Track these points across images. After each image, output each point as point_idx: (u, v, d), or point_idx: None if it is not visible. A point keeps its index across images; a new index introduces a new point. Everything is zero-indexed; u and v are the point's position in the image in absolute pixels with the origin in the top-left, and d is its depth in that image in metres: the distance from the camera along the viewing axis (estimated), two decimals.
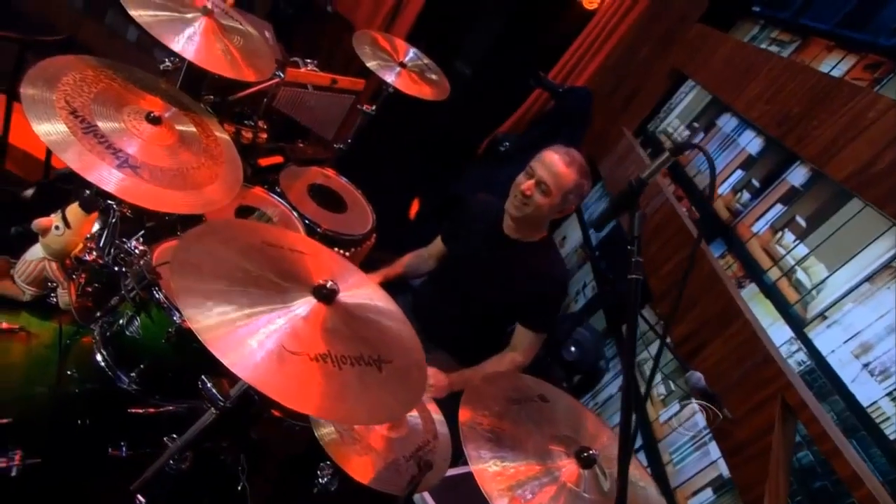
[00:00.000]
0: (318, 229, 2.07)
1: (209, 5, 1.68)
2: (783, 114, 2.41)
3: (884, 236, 2.05)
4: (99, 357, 1.35)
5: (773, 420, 1.59)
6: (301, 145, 1.96)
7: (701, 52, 3.42)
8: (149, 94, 1.56)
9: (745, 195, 2.90)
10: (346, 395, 0.89)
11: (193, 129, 1.57)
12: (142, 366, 1.34)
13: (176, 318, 1.34)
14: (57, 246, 1.29)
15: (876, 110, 1.88)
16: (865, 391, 1.81)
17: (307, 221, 2.09)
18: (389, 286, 2.15)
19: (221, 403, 1.03)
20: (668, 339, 2.67)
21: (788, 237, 2.50)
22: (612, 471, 1.00)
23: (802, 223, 2.46)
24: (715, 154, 3.33)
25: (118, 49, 4.45)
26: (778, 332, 2.22)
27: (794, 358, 2.11)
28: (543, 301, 1.94)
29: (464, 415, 1.03)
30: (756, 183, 2.87)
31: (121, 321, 1.36)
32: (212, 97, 1.84)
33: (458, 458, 1.59)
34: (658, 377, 2.78)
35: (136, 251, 1.36)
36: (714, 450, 2.21)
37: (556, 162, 1.80)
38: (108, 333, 1.38)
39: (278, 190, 2.09)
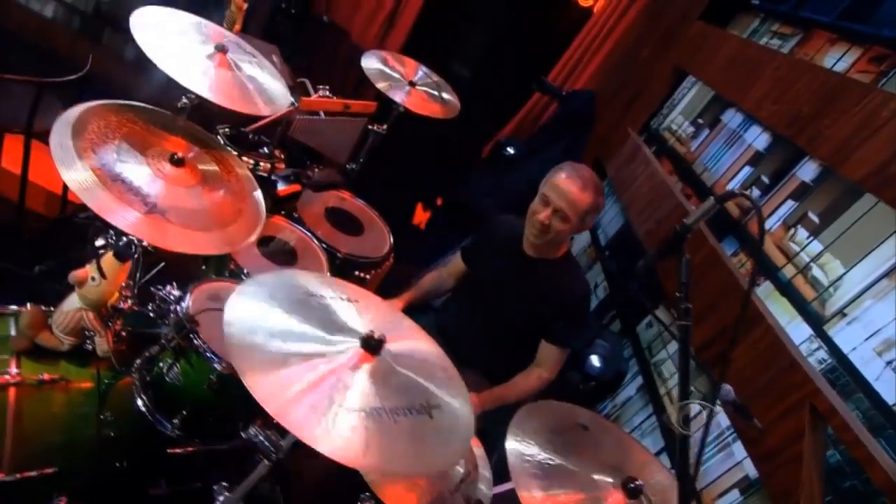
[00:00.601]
0: (338, 254, 2.09)
1: (224, 42, 1.69)
2: (793, 114, 2.41)
3: None
4: (139, 402, 1.36)
5: (802, 426, 1.61)
6: (316, 170, 1.97)
7: (703, 50, 3.42)
8: (170, 134, 1.58)
9: (755, 192, 2.91)
10: (402, 447, 0.90)
11: (215, 167, 1.58)
12: (184, 412, 1.36)
13: (216, 365, 1.36)
14: (93, 296, 1.31)
15: (889, 109, 1.89)
16: (891, 389, 1.82)
17: (325, 246, 2.10)
18: (411, 308, 2.16)
19: (274, 456, 1.05)
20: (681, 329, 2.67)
21: (802, 234, 2.50)
22: (657, 499, 1.02)
23: (815, 219, 2.46)
24: (721, 150, 3.34)
25: (117, 68, 4.45)
26: (797, 331, 2.23)
27: (814, 356, 2.11)
28: (565, 317, 1.96)
29: (511, 448, 1.04)
30: (765, 179, 2.88)
31: (160, 365, 1.38)
32: (227, 129, 1.85)
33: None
34: (674, 380, 2.79)
35: (171, 296, 1.37)
36: (738, 450, 2.22)
37: (570, 189, 1.81)
38: (147, 379, 1.40)
39: (296, 216, 2.10)
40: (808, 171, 2.66)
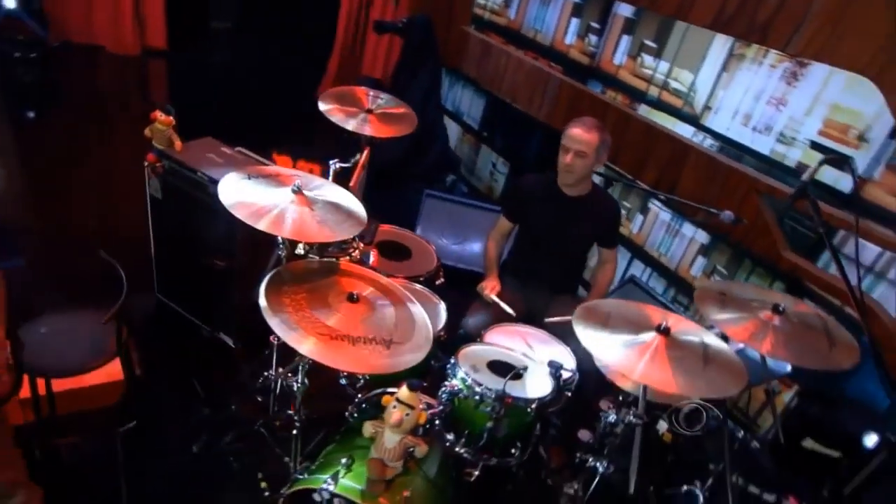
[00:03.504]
0: (420, 279, 2.37)
1: (298, 184, 1.78)
2: None
3: (717, 37, 2.84)
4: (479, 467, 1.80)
5: (756, 205, 2.47)
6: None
7: None
8: (319, 280, 1.71)
9: (592, 38, 3.53)
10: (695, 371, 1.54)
11: (367, 285, 1.79)
12: (519, 444, 1.81)
13: (532, 406, 1.80)
14: (410, 426, 1.59)
15: None
16: (763, 144, 2.70)
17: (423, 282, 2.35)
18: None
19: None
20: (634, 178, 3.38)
21: (648, 59, 3.19)
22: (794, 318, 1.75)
23: (652, 44, 3.16)
24: (541, 11, 3.85)
25: None
26: (683, 130, 3.03)
27: (706, 143, 2.96)
28: (613, 228, 2.63)
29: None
30: (595, 24, 3.49)
31: (488, 428, 1.74)
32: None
33: None
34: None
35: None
36: (686, 230, 3.08)
37: (578, 132, 2.35)
38: (480, 444, 1.77)
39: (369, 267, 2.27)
40: (625, 8, 3.32)
